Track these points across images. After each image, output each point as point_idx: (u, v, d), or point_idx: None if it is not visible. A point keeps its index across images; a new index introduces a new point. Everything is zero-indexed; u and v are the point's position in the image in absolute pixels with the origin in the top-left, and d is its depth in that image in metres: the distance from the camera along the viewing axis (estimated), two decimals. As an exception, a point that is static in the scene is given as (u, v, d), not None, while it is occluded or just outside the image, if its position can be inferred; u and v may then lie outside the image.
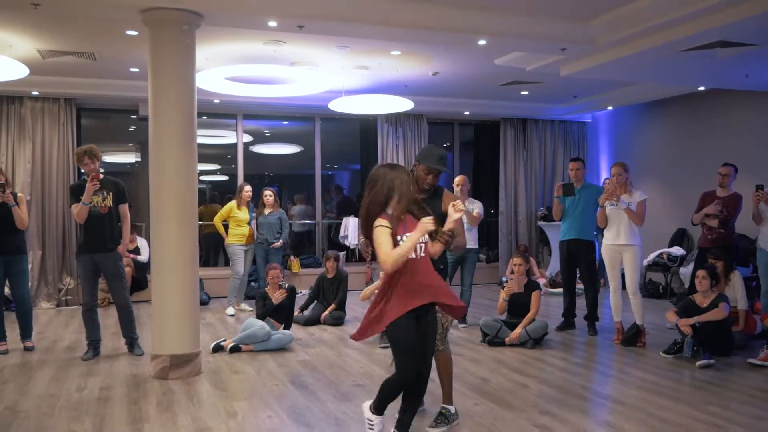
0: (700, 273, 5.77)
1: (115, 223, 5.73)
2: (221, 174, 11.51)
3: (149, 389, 4.74)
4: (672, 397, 4.53)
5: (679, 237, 9.62)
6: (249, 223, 8.22)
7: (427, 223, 3.14)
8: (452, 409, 3.97)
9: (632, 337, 6.14)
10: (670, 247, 9.50)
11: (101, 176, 5.62)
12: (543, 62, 7.22)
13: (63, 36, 6.53)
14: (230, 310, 8.02)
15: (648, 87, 9.20)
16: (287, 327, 6.43)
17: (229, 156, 10.67)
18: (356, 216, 10.48)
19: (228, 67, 7.14)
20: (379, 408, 3.43)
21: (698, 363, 5.33)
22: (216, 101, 9.20)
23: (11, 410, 4.26)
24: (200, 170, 11.82)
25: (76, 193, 5.62)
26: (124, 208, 5.80)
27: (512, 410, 4.27)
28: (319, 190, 10.77)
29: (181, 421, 4.02)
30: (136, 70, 7.77)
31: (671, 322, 5.81)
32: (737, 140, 8.62)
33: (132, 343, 5.81)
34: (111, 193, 5.68)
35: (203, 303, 8.86)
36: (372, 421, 3.45)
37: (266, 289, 6.49)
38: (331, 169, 12.69)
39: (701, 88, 8.73)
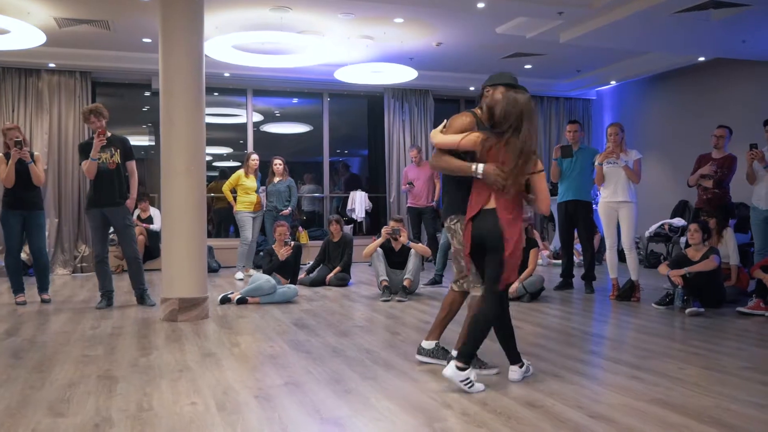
0: (692, 226, 5.93)
1: (123, 179, 5.97)
2: (234, 160, 11.67)
3: (159, 328, 4.99)
4: (658, 335, 4.71)
5: (681, 208, 9.74)
6: (257, 191, 8.44)
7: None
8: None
9: (627, 291, 6.31)
10: (672, 218, 9.63)
11: (108, 134, 5.85)
12: (542, 29, 7.38)
13: (79, 2, 6.78)
14: (239, 275, 8.25)
15: (650, 59, 9.33)
16: (293, 283, 6.66)
17: (241, 141, 10.89)
18: (363, 190, 10.70)
19: (236, 34, 7.36)
20: (469, 357, 3.31)
21: (688, 311, 5.49)
22: (226, 74, 9.44)
23: (29, 341, 4.52)
24: (213, 153, 12.21)
25: (85, 150, 5.86)
26: (132, 165, 6.04)
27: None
28: (327, 168, 10.98)
29: (188, 349, 4.26)
30: (149, 40, 8.02)
31: (663, 274, 5.96)
32: (738, 112, 8.73)
33: (142, 294, 6.04)
34: (118, 150, 5.92)
35: (213, 270, 9.13)
36: (468, 377, 3.25)
37: (273, 246, 6.72)
38: (342, 155, 12.91)
39: (701, 59, 8.85)
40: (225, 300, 6.18)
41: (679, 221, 9.43)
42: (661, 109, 10.17)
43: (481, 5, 6.47)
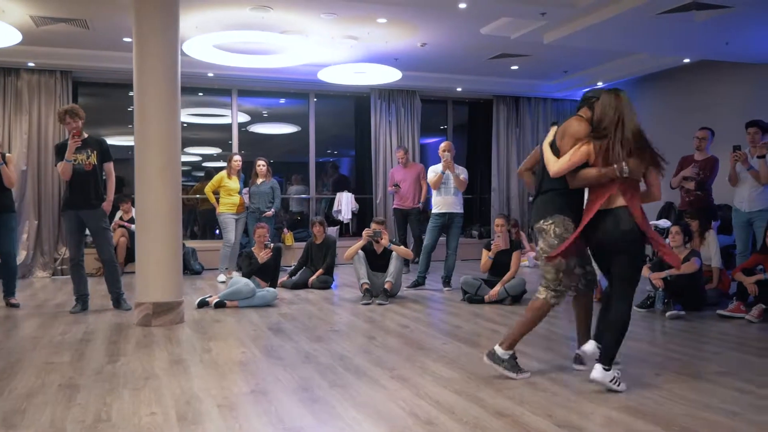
0: (674, 229, 5.90)
1: (100, 181, 5.88)
2: (224, 160, 11.55)
3: (131, 333, 4.90)
4: (637, 339, 4.65)
5: (667, 210, 9.69)
6: (240, 193, 8.36)
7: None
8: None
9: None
10: (657, 219, 9.59)
11: (85, 135, 5.76)
12: (526, 29, 7.33)
13: (54, 0, 6.68)
14: (221, 277, 8.17)
15: (636, 60, 9.30)
16: (272, 286, 6.59)
17: (229, 142, 10.81)
18: (349, 191, 10.64)
19: (217, 33, 7.28)
20: (612, 358, 3.35)
21: (668, 313, 5.45)
22: (210, 74, 9.36)
23: (-5, 347, 4.44)
24: (202, 154, 12.13)
25: (60, 151, 5.76)
26: (109, 166, 5.94)
27: (478, 348, 4.41)
28: (313, 168, 10.91)
29: (157, 355, 4.18)
30: (129, 40, 7.90)
31: (644, 277, 5.91)
32: (723, 114, 8.69)
33: (118, 298, 5.95)
34: (95, 152, 5.82)
35: (196, 272, 9.05)
36: (614, 376, 3.30)
37: (252, 248, 6.65)
38: (330, 156, 12.86)
39: (687, 61, 8.82)
40: (203, 304, 6.09)
41: (665, 222, 9.37)
42: (649, 111, 10.11)
43: (462, 5, 6.41)
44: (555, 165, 3.49)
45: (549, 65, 9.78)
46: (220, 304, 6.06)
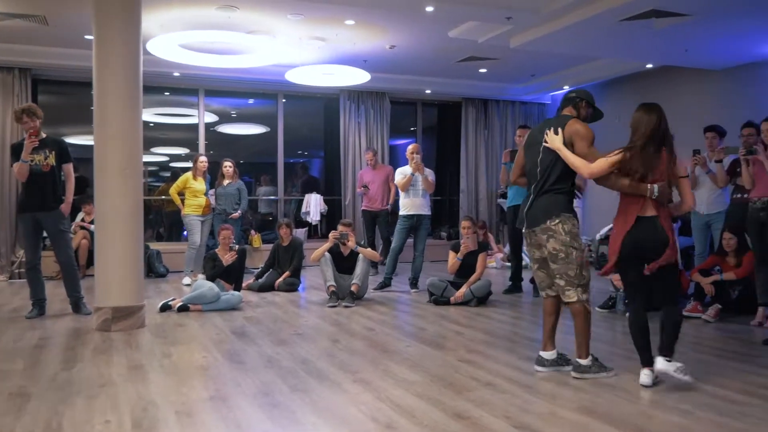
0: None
1: (59, 182, 5.73)
2: (191, 161, 11.43)
3: (89, 339, 4.81)
4: (598, 340, 4.70)
5: (631, 212, 9.85)
6: (206, 194, 8.28)
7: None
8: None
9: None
10: (622, 221, 9.74)
11: (43, 135, 5.65)
12: (493, 33, 7.38)
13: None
14: (186, 280, 8.07)
15: (601, 65, 9.43)
16: (237, 289, 6.54)
17: (197, 142, 10.70)
18: (318, 193, 10.62)
19: (182, 33, 7.20)
20: (672, 350, 3.55)
21: (628, 314, 5.51)
22: (176, 74, 9.26)
23: (-52, 353, 4.33)
24: (170, 154, 11.98)
25: (16, 151, 5.60)
26: (68, 167, 5.81)
27: (442, 350, 4.43)
28: (281, 169, 10.85)
29: (115, 361, 4.11)
30: (91, 37, 7.78)
31: (606, 277, 5.99)
32: (684, 119, 8.83)
33: (77, 302, 5.82)
34: (53, 152, 5.68)
35: (161, 275, 8.94)
36: (677, 364, 3.47)
37: (216, 250, 6.58)
38: (300, 157, 12.80)
39: (649, 66, 8.97)
40: (165, 307, 6.01)
41: (629, 225, 9.53)
42: (613, 114, 10.26)
43: (429, 9, 6.43)
44: (588, 168, 3.57)
45: (517, 69, 9.86)
46: (183, 308, 5.99)
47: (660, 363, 3.48)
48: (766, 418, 3.00)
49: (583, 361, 3.70)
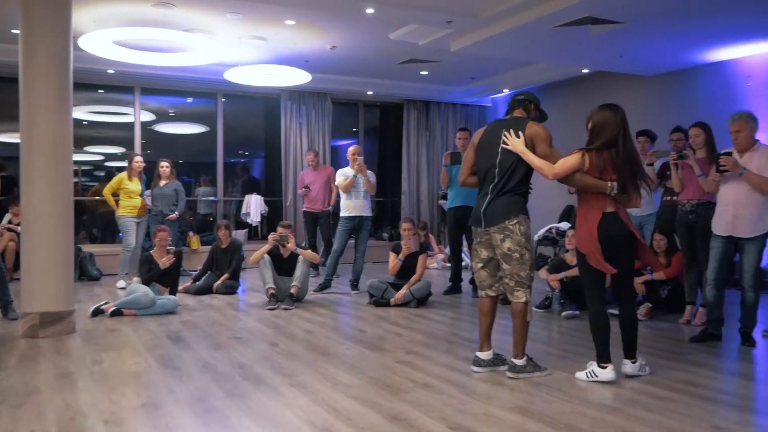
0: (570, 232, 6.13)
1: None
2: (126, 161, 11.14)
3: (14, 346, 4.61)
4: (534, 339, 4.76)
5: (568, 212, 10.10)
6: (141, 195, 8.07)
7: None
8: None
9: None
10: (559, 222, 9.97)
11: None
12: (434, 36, 7.44)
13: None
14: (121, 283, 7.85)
15: (539, 69, 9.63)
16: (173, 292, 6.39)
17: (134, 141, 10.41)
18: (258, 194, 10.50)
19: (117, 29, 7.00)
20: (634, 351, 3.79)
21: (564, 313, 5.67)
22: (110, 71, 9.00)
23: None
24: (105, 153, 11.62)
25: None
26: None
27: (380, 352, 4.43)
28: (221, 169, 10.68)
29: (42, 369, 3.96)
30: (17, 32, 7.48)
31: (543, 278, 6.12)
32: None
33: (5, 306, 5.61)
34: None
35: (94, 278, 8.66)
36: (641, 363, 3.77)
37: (152, 252, 6.41)
38: (241, 157, 12.62)
39: (585, 71, 9.22)
40: (97, 312, 5.82)
41: (565, 225, 9.76)
42: (552, 117, 10.44)
43: (370, 11, 6.44)
44: (552, 169, 3.66)
45: (457, 71, 9.97)
46: (116, 313, 5.81)
47: (628, 367, 3.70)
48: (690, 413, 3.11)
49: (519, 361, 3.76)
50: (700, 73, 8.23)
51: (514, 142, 3.73)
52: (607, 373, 3.62)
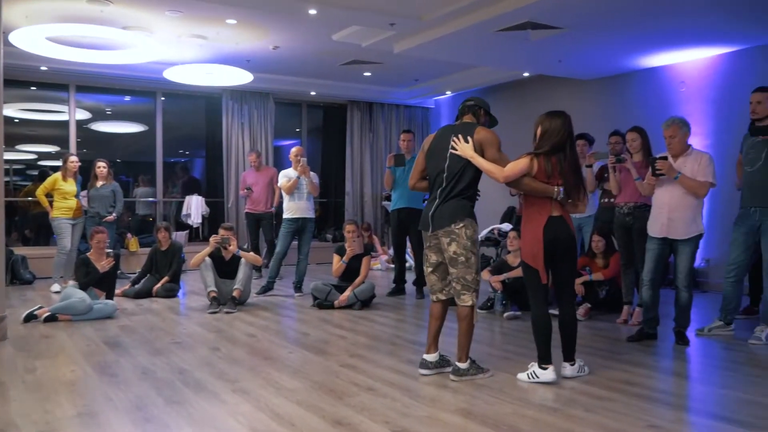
0: (511, 234, 6.24)
1: None
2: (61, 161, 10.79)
3: (-58, 354, 4.42)
4: (477, 341, 4.83)
5: (509, 214, 10.26)
6: (77, 196, 7.81)
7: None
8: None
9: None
10: (501, 223, 10.12)
11: None
12: (377, 38, 7.45)
13: None
14: (55, 287, 7.59)
15: (481, 72, 9.78)
16: (110, 297, 6.21)
17: (69, 140, 10.07)
18: (199, 195, 10.31)
19: (50, 25, 6.75)
20: (573, 354, 3.88)
21: (506, 314, 5.77)
22: (43, 68, 8.69)
23: None
24: (38, 152, 11.20)
25: None
26: None
27: (324, 355, 4.42)
28: (160, 169, 10.44)
29: (-29, 378, 3.80)
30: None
31: (485, 280, 6.21)
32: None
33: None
34: None
35: (27, 282, 8.36)
36: (580, 366, 3.86)
37: (89, 254, 6.21)
38: (182, 156, 12.36)
39: (526, 74, 9.40)
40: (30, 317, 5.61)
41: (507, 226, 9.92)
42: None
43: (312, 12, 6.41)
44: (502, 173, 3.71)
45: (400, 73, 10.02)
46: (51, 318, 5.61)
47: (568, 370, 3.77)
48: (628, 412, 3.20)
49: (462, 365, 3.81)
50: (636, 79, 8.50)
51: (463, 147, 3.78)
52: (548, 374, 3.70)
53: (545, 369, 3.71)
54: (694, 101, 7.82)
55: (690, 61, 7.83)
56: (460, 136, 3.83)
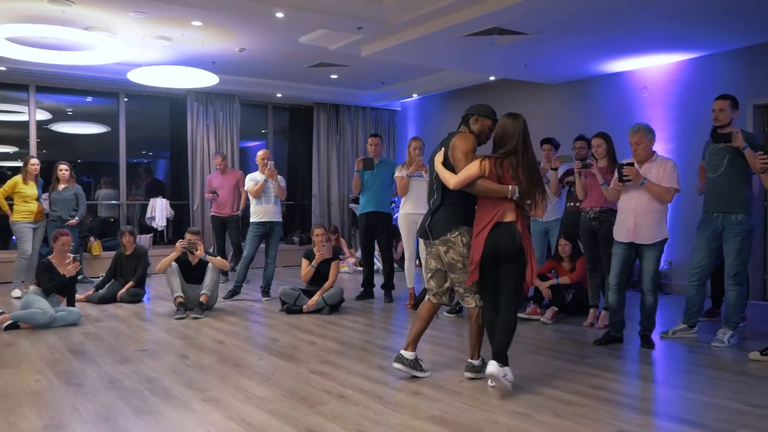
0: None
1: None
2: (22, 160, 10.52)
3: None
4: (446, 345, 4.90)
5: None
6: (38, 199, 7.64)
7: None
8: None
9: (422, 300, 6.51)
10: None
11: None
12: (344, 41, 7.44)
13: None
14: (16, 293, 7.41)
15: (447, 75, 9.84)
16: (71, 303, 6.03)
17: (28, 140, 9.83)
18: (164, 197, 10.17)
19: (9, 25, 6.58)
20: (505, 355, 3.70)
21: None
22: (2, 68, 8.49)
23: None
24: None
25: None
26: None
27: (293, 362, 4.40)
28: (124, 171, 10.26)
29: (-70, 391, 3.69)
30: None
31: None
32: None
33: None
34: None
35: (-15, 287, 8.14)
36: (506, 371, 3.64)
37: (51, 257, 6.06)
38: (146, 158, 12.16)
39: (492, 78, 9.49)
40: (-10, 325, 5.48)
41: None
42: (456, 124, 10.74)
43: (279, 15, 6.36)
44: (453, 179, 3.77)
45: (367, 76, 10.03)
46: (12, 326, 5.48)
47: (492, 367, 3.60)
48: (596, 417, 3.26)
49: (476, 362, 3.96)
50: (600, 84, 8.64)
51: (436, 159, 3.95)
52: (489, 367, 3.65)
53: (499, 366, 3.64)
54: (657, 106, 7.98)
55: (653, 66, 8.00)
56: (443, 149, 3.97)
